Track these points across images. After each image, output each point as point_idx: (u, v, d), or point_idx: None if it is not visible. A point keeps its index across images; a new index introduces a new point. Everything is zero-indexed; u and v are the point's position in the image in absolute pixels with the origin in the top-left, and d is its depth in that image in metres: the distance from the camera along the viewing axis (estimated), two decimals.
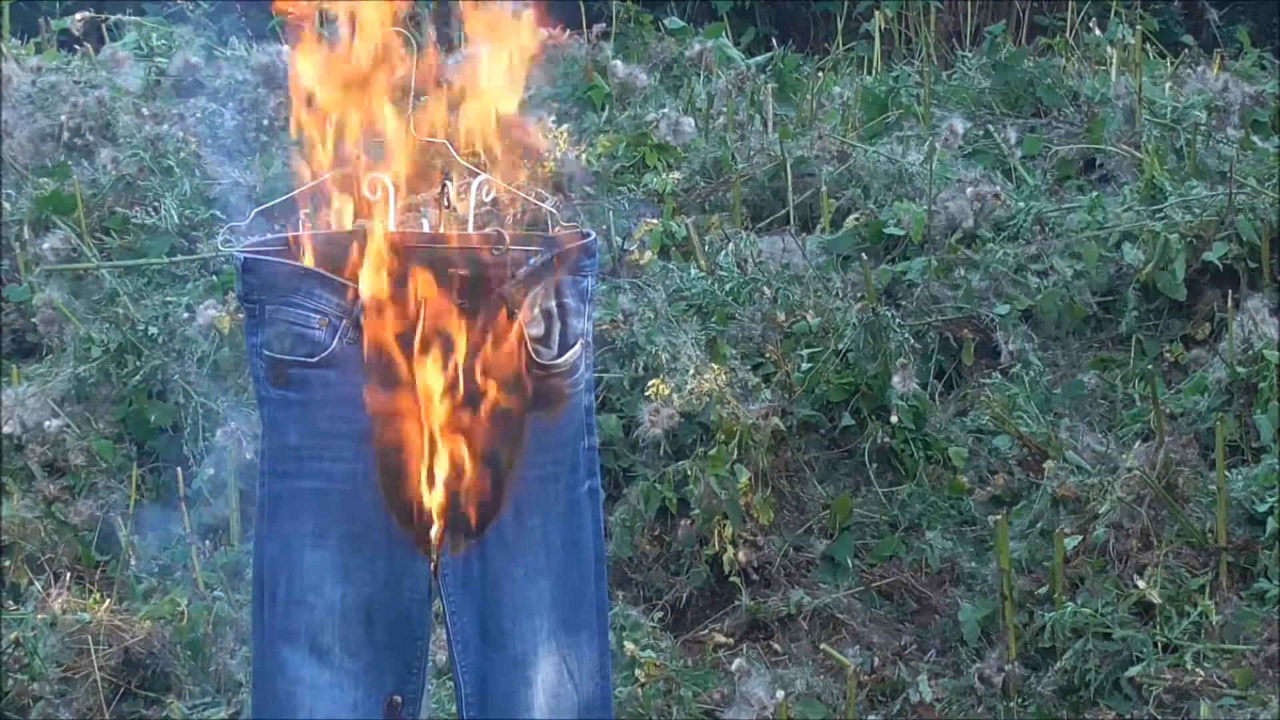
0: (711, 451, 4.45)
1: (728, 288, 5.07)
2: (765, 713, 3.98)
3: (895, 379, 4.69)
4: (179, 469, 4.66)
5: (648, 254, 5.22)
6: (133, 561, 4.56)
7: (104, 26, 6.77)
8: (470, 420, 2.70)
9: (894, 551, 4.56)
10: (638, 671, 4.07)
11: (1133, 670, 3.99)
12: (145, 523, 4.80)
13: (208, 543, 4.61)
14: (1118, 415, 4.85)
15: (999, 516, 4.21)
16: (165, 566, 4.64)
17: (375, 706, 2.77)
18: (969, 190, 5.41)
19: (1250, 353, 4.73)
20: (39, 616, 4.23)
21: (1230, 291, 5.00)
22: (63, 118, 5.98)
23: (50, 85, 6.12)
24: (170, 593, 4.37)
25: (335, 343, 2.70)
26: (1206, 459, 4.51)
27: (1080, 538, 4.32)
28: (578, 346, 2.79)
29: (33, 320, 5.33)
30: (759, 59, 6.87)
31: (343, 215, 2.74)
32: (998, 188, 5.47)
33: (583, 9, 6.91)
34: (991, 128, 6.05)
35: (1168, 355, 5.04)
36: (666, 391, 4.55)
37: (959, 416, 4.94)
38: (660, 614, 4.36)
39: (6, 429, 4.86)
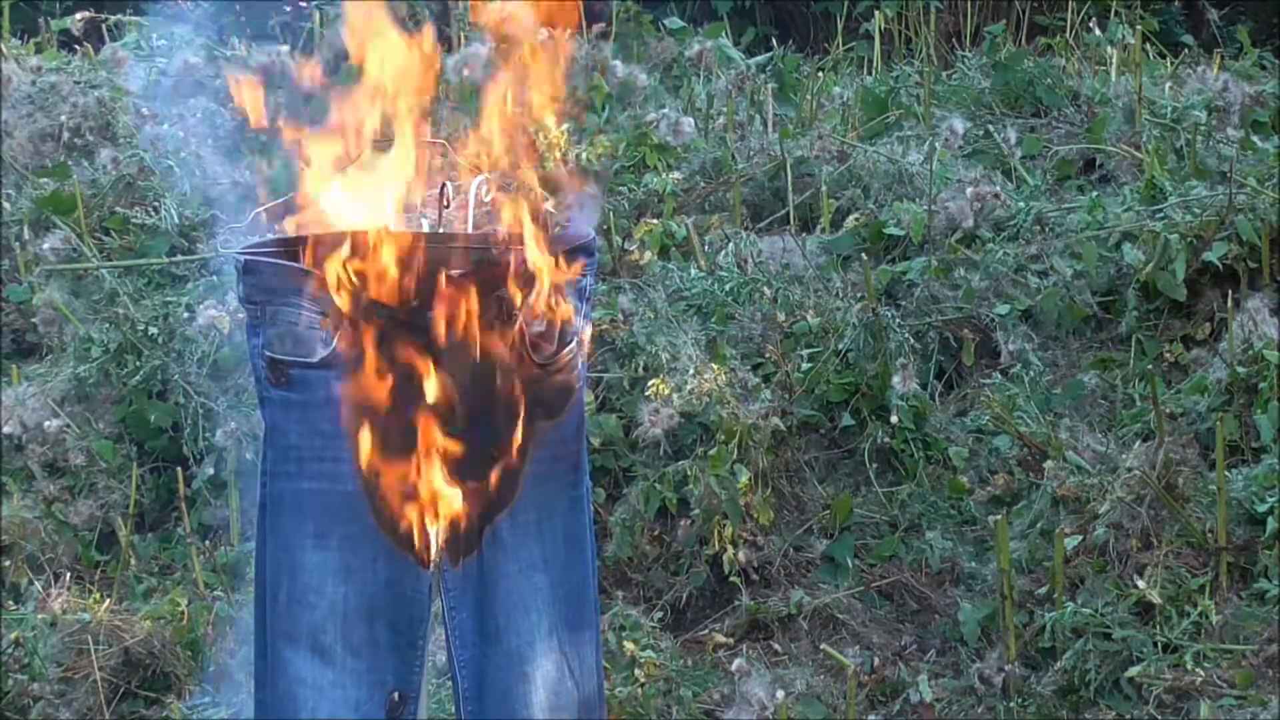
0: (711, 451, 4.45)
1: (728, 288, 5.07)
2: (765, 713, 3.98)
3: (895, 379, 4.69)
4: (179, 469, 4.67)
5: (648, 254, 5.22)
6: (133, 561, 4.56)
7: (104, 26, 6.77)
8: (472, 423, 2.70)
9: (894, 551, 4.56)
10: (638, 671, 4.06)
11: (1133, 670, 3.99)
12: (145, 523, 4.80)
13: (208, 543, 4.61)
14: (1118, 415, 4.85)
15: (999, 516, 4.21)
16: (165, 566, 4.64)
17: (377, 706, 2.77)
18: (969, 190, 5.41)
19: (1250, 353, 4.73)
20: (39, 616, 4.23)
21: (1230, 291, 5.00)
22: (63, 118, 5.97)
23: (50, 85, 6.11)
24: (170, 593, 4.37)
25: (336, 343, 2.70)
26: (1206, 459, 4.51)
27: (1080, 538, 4.32)
28: (574, 344, 2.80)
29: (33, 320, 5.33)
30: (759, 59, 6.87)
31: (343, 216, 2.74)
32: (998, 188, 5.47)
33: (583, 9, 6.91)
34: (991, 128, 6.05)
35: (1168, 355, 5.04)
36: (666, 391, 4.55)
37: (959, 416, 4.94)
38: (660, 614, 4.36)
39: (6, 429, 4.87)
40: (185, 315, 5.03)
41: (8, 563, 4.58)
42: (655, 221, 5.38)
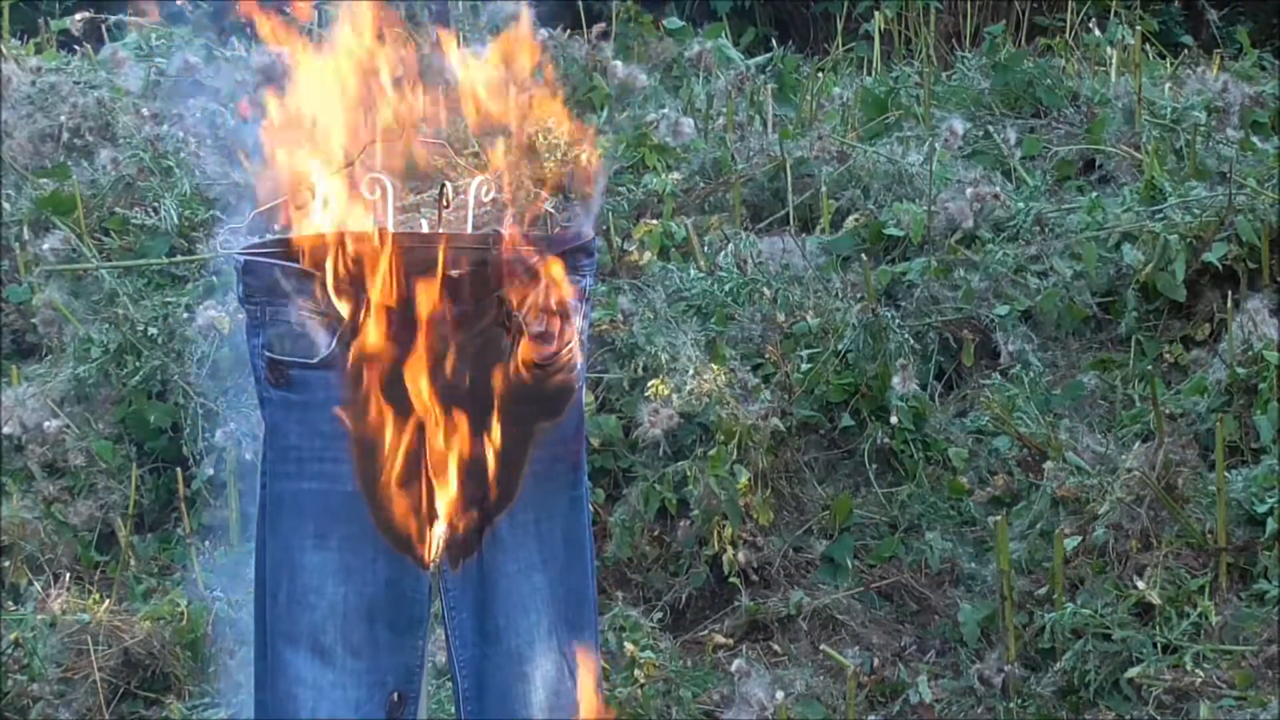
0: (711, 452, 4.45)
1: (727, 288, 5.07)
2: (765, 713, 3.98)
3: (895, 379, 4.69)
4: (179, 469, 4.67)
5: (647, 254, 5.22)
6: (132, 562, 4.56)
7: (104, 26, 6.76)
8: (472, 424, 2.70)
9: (894, 552, 4.56)
10: (637, 671, 4.07)
11: (1133, 671, 4.00)
12: (145, 523, 4.80)
13: (208, 543, 4.61)
14: (1118, 416, 4.85)
15: (999, 517, 4.21)
16: (165, 567, 4.64)
17: (377, 706, 2.77)
18: (969, 191, 5.41)
19: (1250, 353, 4.73)
20: (39, 616, 4.23)
21: (1230, 292, 5.00)
22: (63, 118, 5.97)
23: (50, 85, 6.11)
24: (170, 593, 4.37)
25: (335, 344, 2.70)
26: (1206, 459, 4.51)
27: (1080, 538, 4.32)
28: (574, 344, 2.80)
29: (33, 320, 5.33)
30: (759, 59, 6.87)
31: (341, 216, 2.74)
32: (998, 188, 5.47)
33: (582, 9, 6.91)
34: (991, 128, 6.04)
35: (1167, 356, 5.04)
36: (666, 392, 4.55)
37: (959, 417, 4.94)
38: (660, 614, 4.36)
39: (6, 429, 4.87)
40: (185, 315, 5.03)
41: (8, 563, 4.58)
42: (655, 222, 5.38)
